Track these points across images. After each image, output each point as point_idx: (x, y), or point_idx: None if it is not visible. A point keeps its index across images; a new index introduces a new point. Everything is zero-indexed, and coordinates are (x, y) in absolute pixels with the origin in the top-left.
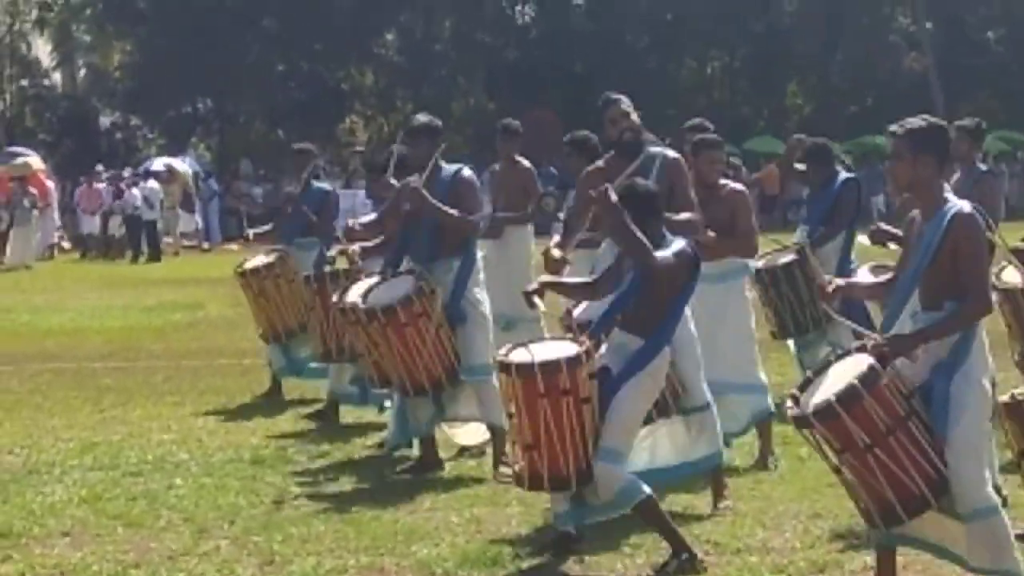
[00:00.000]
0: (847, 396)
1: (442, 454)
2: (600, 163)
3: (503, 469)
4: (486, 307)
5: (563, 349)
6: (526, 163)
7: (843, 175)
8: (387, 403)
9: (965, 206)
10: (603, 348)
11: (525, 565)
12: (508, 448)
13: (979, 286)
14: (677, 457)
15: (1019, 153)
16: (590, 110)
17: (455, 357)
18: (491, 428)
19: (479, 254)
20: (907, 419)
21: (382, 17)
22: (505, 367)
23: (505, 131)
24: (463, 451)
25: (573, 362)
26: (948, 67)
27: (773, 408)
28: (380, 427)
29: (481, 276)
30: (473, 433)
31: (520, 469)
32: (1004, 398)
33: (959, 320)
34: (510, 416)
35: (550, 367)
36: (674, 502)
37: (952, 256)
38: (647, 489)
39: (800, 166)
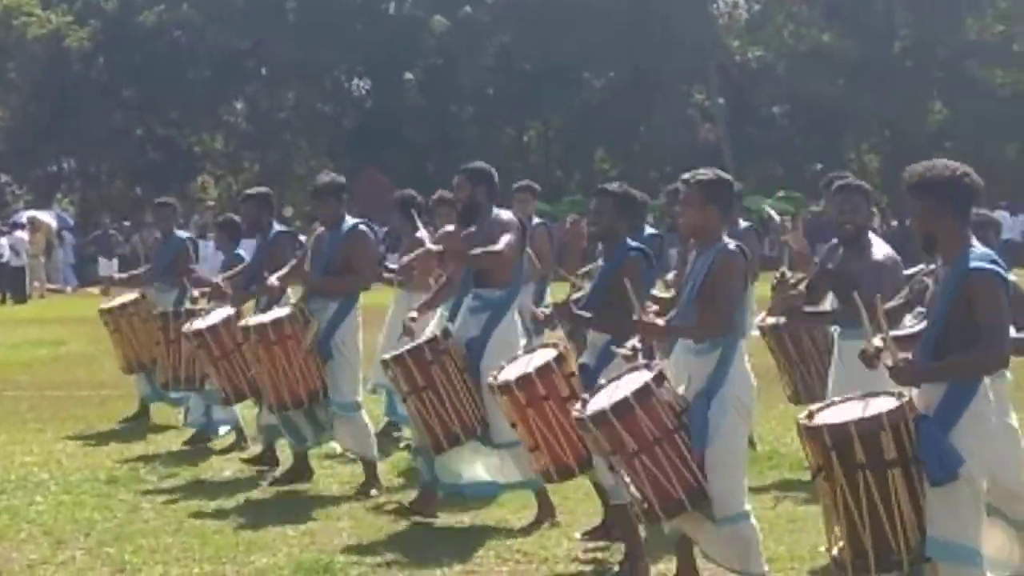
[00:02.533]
0: (620, 406)
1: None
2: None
3: (373, 492)
4: (353, 351)
5: (535, 361)
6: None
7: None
8: (222, 430)
9: (732, 244)
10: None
11: (353, 572)
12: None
13: (721, 305)
14: (494, 476)
15: (801, 211)
16: (420, 173)
17: (322, 385)
18: (362, 459)
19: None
20: (674, 432)
21: (231, 88)
22: (491, 389)
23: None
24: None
25: (543, 371)
26: (738, 138)
27: None
28: (226, 451)
29: (357, 322)
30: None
31: (535, 469)
32: (800, 417)
33: (700, 330)
34: (513, 426)
35: (524, 380)
36: (488, 516)
37: (712, 283)
38: None
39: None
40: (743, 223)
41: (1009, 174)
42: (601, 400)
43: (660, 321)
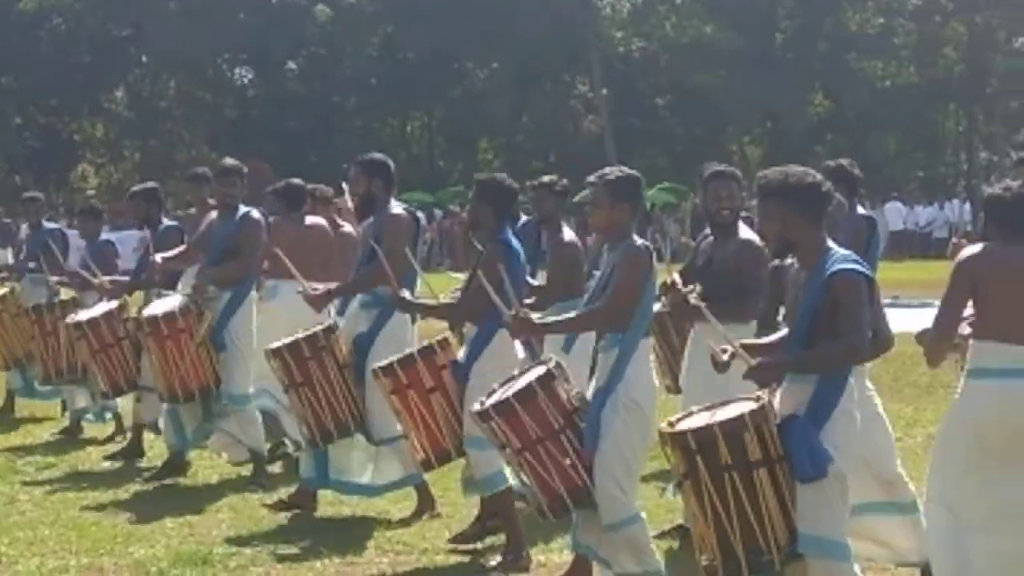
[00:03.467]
0: (502, 406)
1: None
2: None
3: (264, 482)
4: (247, 341)
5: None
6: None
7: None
8: (108, 415)
9: (639, 241)
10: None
11: (232, 563)
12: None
13: (611, 299)
14: (384, 477)
15: (683, 203)
16: (303, 163)
17: (215, 378)
18: (251, 451)
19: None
20: (560, 432)
21: (112, 76)
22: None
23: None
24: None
25: (405, 360)
26: (621, 128)
27: None
28: (104, 442)
29: (251, 312)
30: (237, 450)
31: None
32: (662, 425)
33: (587, 318)
34: (397, 414)
35: (387, 369)
36: (369, 507)
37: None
38: (509, 482)
39: None
40: None
41: (891, 167)
42: (493, 397)
43: (534, 317)
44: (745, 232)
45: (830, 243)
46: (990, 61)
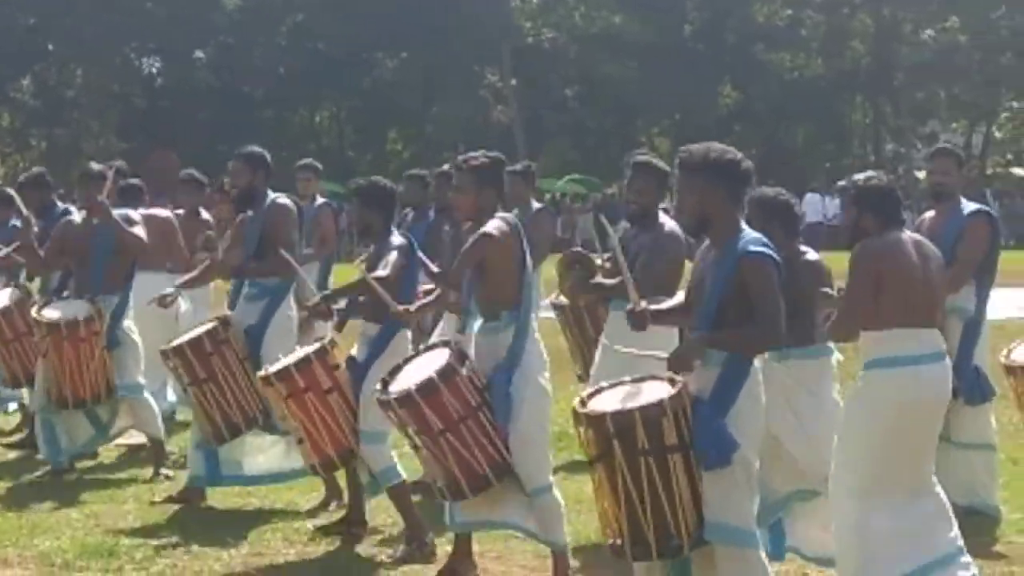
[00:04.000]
0: (425, 387)
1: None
2: None
3: (163, 471)
4: (136, 335)
5: (296, 353)
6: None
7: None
8: (11, 406)
9: (501, 215)
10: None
11: (139, 555)
12: None
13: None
14: (279, 464)
15: (592, 194)
16: (212, 153)
17: (107, 386)
18: (149, 438)
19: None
20: (478, 409)
21: (18, 64)
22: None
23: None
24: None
25: (302, 363)
26: (531, 120)
27: None
28: (11, 432)
29: (132, 310)
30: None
31: (304, 463)
32: (574, 403)
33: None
34: (282, 419)
35: (282, 373)
36: (277, 498)
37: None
38: (403, 475)
39: None
40: (536, 204)
41: (801, 158)
42: (405, 380)
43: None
44: (663, 225)
45: (744, 225)
46: (896, 53)
